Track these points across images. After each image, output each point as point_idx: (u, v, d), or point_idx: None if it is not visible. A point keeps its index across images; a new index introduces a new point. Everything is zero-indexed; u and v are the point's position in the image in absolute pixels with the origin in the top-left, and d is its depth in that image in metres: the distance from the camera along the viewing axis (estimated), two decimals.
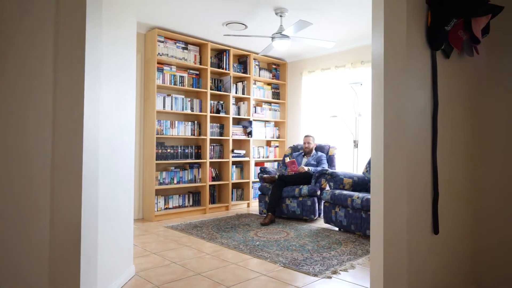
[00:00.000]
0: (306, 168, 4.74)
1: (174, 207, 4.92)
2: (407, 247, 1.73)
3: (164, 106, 4.78)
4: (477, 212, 2.14)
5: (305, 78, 5.91)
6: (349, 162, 5.21)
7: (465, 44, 1.98)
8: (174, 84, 4.89)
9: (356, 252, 3.26)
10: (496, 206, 2.08)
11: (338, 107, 5.42)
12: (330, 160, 5.05)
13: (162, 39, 4.76)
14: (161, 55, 4.73)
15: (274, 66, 6.25)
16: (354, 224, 3.83)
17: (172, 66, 4.90)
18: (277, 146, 6.29)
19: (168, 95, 4.86)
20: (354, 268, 2.86)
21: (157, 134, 4.70)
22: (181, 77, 4.99)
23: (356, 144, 5.02)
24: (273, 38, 4.01)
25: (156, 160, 4.66)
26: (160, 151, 4.73)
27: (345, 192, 4.01)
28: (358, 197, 3.78)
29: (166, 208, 4.84)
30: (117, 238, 2.35)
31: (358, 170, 5.03)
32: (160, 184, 4.78)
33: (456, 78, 2.06)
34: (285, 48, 4.10)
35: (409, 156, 1.73)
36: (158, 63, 4.74)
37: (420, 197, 1.81)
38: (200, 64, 5.18)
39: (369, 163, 4.57)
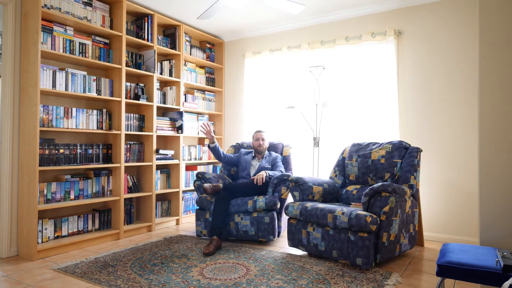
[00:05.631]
0: (264, 174, 3.60)
1: (70, 234, 3.35)
2: None
3: (54, 85, 3.19)
4: None
5: (249, 61, 4.78)
6: (308, 164, 4.24)
7: None
8: (70, 53, 3.33)
9: None
10: None
11: (292, 96, 4.41)
12: (285, 162, 4.01)
13: None
14: (49, 8, 3.14)
15: (208, 45, 5.00)
16: (337, 249, 2.82)
17: (67, 27, 3.33)
18: None
19: (61, 69, 3.28)
20: None
21: (43, 126, 3.10)
22: (82, 44, 3.44)
23: (316, 142, 4.06)
24: None
25: (41, 165, 3.07)
26: (47, 151, 3.14)
27: (320, 205, 2.99)
28: (343, 213, 2.78)
29: (57, 237, 3.25)
30: None
31: (319, 173, 4.08)
32: (48, 201, 3.19)
33: None
34: (241, 6, 2.92)
35: None
36: (44, 19, 3.14)
37: None
38: (111, 29, 3.69)
39: (338, 165, 3.65)
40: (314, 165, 4.08)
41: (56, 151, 3.21)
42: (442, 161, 3.60)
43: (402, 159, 3.24)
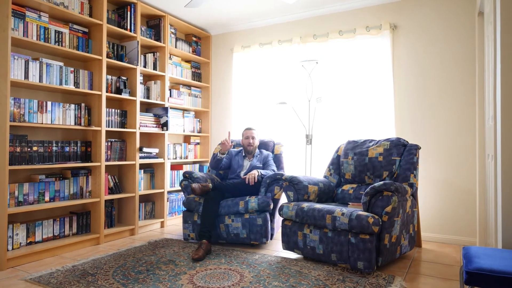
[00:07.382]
0: (257, 173, 3.39)
1: (44, 240, 3.06)
2: None
3: (26, 76, 2.90)
4: None
5: (238, 56, 4.58)
6: (300, 162, 4.07)
7: None
8: (46, 42, 3.04)
9: None
10: None
11: (284, 92, 4.23)
12: (277, 161, 3.83)
13: None
14: None
15: (194, 39, 4.76)
16: (336, 252, 2.65)
17: (42, 13, 3.04)
18: (198, 143, 4.82)
19: (35, 58, 3.00)
20: None
21: (13, 121, 2.81)
22: (59, 33, 3.16)
23: (309, 140, 3.89)
24: None
25: (11, 164, 2.78)
26: (18, 149, 2.85)
27: (318, 205, 2.81)
28: (343, 214, 2.61)
29: (30, 243, 2.96)
30: None
31: (312, 172, 3.92)
32: (19, 204, 2.89)
33: None
34: None
35: None
36: (14, 3, 2.85)
37: None
38: (91, 17, 3.41)
39: (332, 163, 3.49)
40: (307, 163, 3.91)
41: (29, 149, 2.92)
42: (439, 158, 3.49)
43: (401, 157, 3.11)
